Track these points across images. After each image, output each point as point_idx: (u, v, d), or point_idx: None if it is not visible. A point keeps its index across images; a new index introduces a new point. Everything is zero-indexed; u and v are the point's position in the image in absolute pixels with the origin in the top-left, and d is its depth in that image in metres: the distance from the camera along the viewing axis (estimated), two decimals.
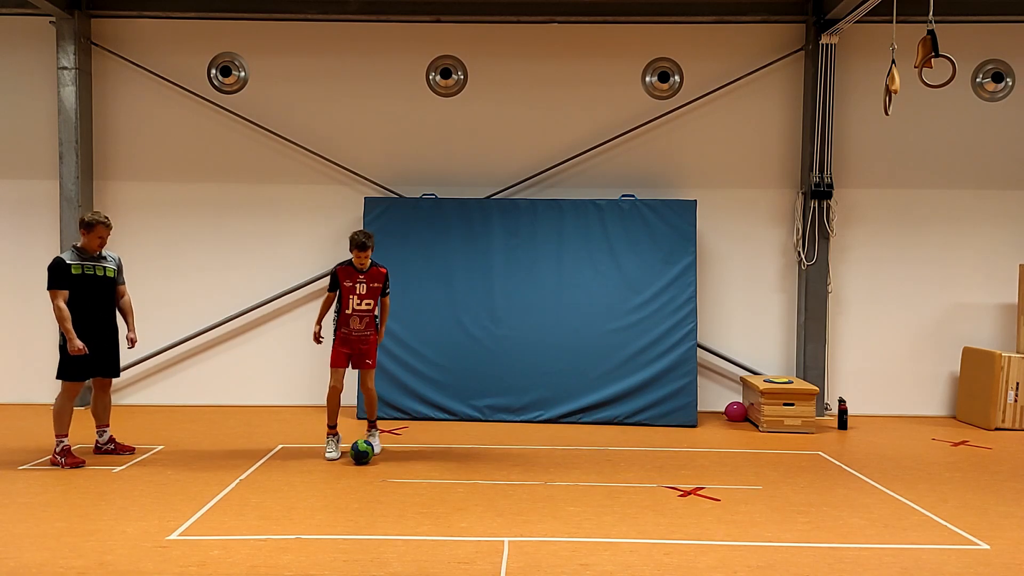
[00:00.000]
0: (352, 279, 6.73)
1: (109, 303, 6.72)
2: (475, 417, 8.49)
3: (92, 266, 6.54)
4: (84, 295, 6.48)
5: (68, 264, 6.42)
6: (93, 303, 6.55)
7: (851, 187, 9.09)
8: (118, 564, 4.41)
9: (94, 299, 6.56)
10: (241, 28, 9.16)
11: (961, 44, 8.63)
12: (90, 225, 6.52)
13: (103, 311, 6.66)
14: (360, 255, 6.67)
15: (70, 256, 6.49)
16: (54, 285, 6.38)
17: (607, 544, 4.82)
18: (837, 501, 5.76)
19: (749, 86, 9.12)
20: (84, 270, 6.48)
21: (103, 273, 6.60)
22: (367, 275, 6.75)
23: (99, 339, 6.60)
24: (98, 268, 6.57)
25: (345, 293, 6.74)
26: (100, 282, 6.59)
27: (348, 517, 5.24)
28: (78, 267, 6.46)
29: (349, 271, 6.75)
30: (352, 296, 6.73)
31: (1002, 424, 8.37)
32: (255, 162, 9.23)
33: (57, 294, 6.37)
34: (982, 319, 9.14)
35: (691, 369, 8.54)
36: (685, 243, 8.73)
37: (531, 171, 9.19)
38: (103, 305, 6.66)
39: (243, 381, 9.22)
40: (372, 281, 6.77)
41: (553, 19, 9.07)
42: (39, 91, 9.08)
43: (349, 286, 6.72)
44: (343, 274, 6.74)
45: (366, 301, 6.76)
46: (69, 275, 6.42)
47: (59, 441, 6.45)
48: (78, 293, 6.45)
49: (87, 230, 6.52)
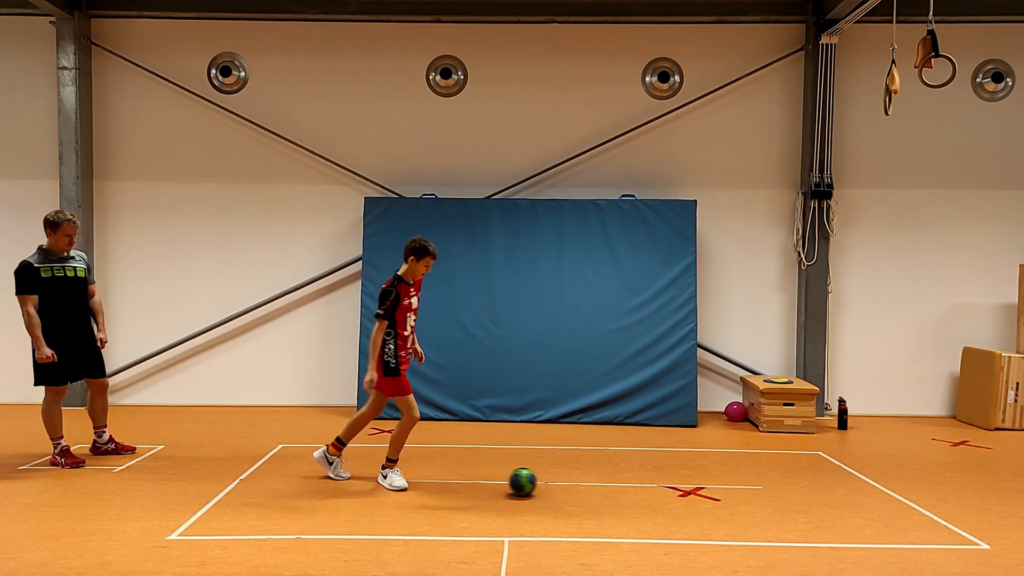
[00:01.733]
0: (409, 295, 5.91)
1: (82, 304, 6.52)
2: (475, 417, 8.49)
3: (61, 267, 6.34)
4: (56, 298, 6.29)
5: (36, 267, 6.22)
6: (66, 305, 6.37)
7: (851, 187, 9.09)
8: (118, 564, 4.41)
9: (66, 301, 6.37)
10: (241, 28, 9.16)
11: (961, 44, 8.63)
12: (55, 224, 6.28)
13: (77, 312, 6.47)
14: (430, 264, 5.92)
15: (37, 259, 6.29)
16: (22, 290, 6.17)
17: (607, 544, 4.82)
18: (837, 501, 5.76)
19: (749, 86, 9.12)
20: (54, 272, 6.28)
21: (73, 274, 6.40)
22: (415, 286, 6.01)
23: (77, 341, 6.45)
24: (67, 269, 6.37)
25: (403, 313, 5.89)
26: (71, 283, 6.38)
27: (348, 517, 5.24)
28: (47, 269, 6.26)
29: (406, 288, 5.88)
30: (410, 314, 5.96)
31: (1002, 424, 8.37)
32: (255, 162, 9.23)
33: (26, 299, 6.16)
34: (982, 319, 9.14)
35: (691, 369, 8.54)
36: (685, 243, 8.73)
37: (531, 171, 9.19)
38: (76, 306, 6.46)
39: (243, 381, 9.21)
40: (418, 291, 6.08)
41: (553, 19, 9.07)
42: (39, 91, 9.08)
43: (407, 304, 5.90)
44: (404, 292, 5.86)
45: (415, 315, 6.08)
46: (38, 279, 6.22)
47: (56, 443, 6.44)
48: (49, 297, 6.26)
49: (53, 230, 6.28)
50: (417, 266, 5.89)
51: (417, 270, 5.92)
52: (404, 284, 5.88)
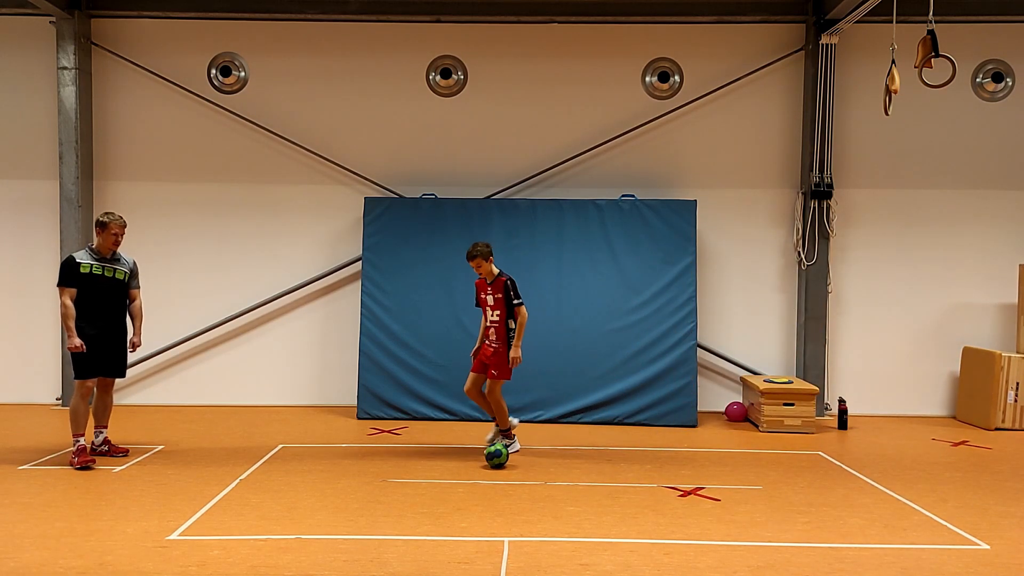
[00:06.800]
0: (483, 291, 6.86)
1: (119, 305, 6.73)
2: (475, 417, 8.48)
3: (102, 267, 6.55)
4: (93, 295, 6.51)
5: (78, 262, 6.47)
6: (102, 303, 6.57)
7: (851, 187, 9.09)
8: (118, 564, 4.41)
9: (103, 300, 6.57)
10: (241, 28, 9.16)
11: (961, 44, 8.62)
12: (104, 224, 6.56)
13: (112, 312, 6.66)
14: (471, 264, 6.77)
15: (83, 255, 6.54)
16: (62, 282, 6.46)
17: (607, 544, 4.82)
18: (837, 501, 5.76)
19: (749, 86, 9.12)
20: (93, 270, 6.51)
21: (112, 275, 6.60)
22: (493, 286, 6.77)
23: (107, 340, 6.61)
24: (107, 269, 6.57)
25: (481, 305, 6.93)
26: (110, 283, 6.60)
27: (348, 517, 5.24)
28: (87, 266, 6.49)
29: (481, 283, 6.89)
30: (486, 308, 6.86)
31: (1002, 424, 8.37)
32: (255, 162, 9.23)
33: (64, 291, 6.43)
34: (982, 319, 9.14)
35: (691, 369, 8.54)
36: (685, 243, 8.73)
37: (531, 171, 9.19)
38: (113, 306, 6.66)
39: (243, 381, 9.21)
40: (496, 291, 6.75)
41: (553, 19, 9.07)
42: (39, 91, 9.08)
43: (483, 298, 6.87)
44: (479, 287, 6.91)
45: (496, 312, 6.77)
46: (78, 273, 6.46)
47: (75, 440, 6.47)
48: (87, 292, 6.48)
49: (101, 229, 6.56)
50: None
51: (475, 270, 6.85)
52: (479, 280, 6.92)
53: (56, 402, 9.02)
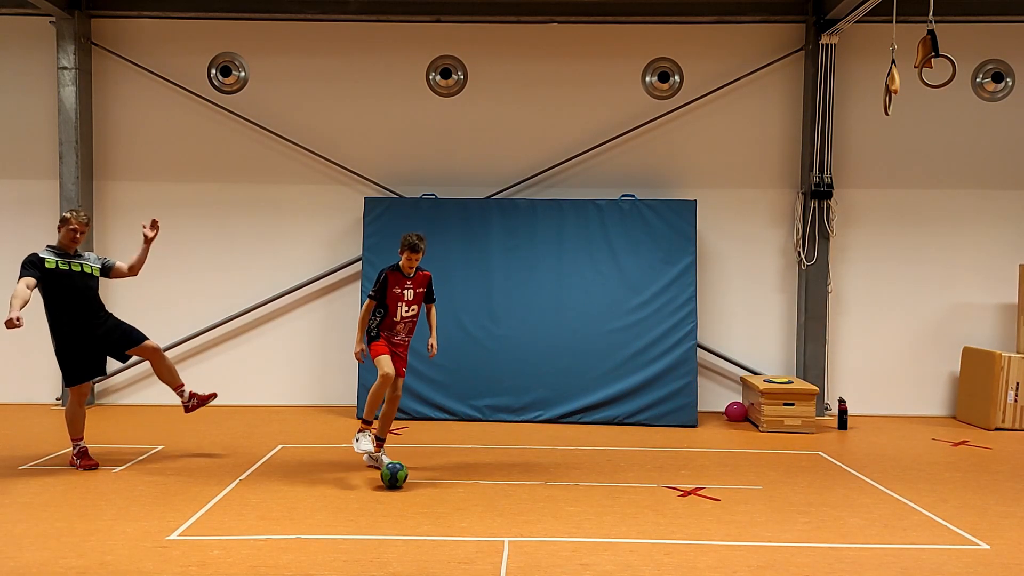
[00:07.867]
0: (401, 285, 6.25)
1: (93, 298, 6.48)
2: (475, 417, 8.49)
3: (68, 262, 6.34)
4: (63, 290, 6.29)
5: (42, 257, 6.27)
6: (76, 299, 6.35)
7: (851, 187, 9.09)
8: (118, 564, 4.41)
9: (76, 295, 6.34)
10: (241, 28, 9.16)
11: (961, 44, 8.61)
12: (64, 220, 6.38)
13: (87, 306, 6.42)
14: (412, 258, 6.20)
15: (45, 252, 6.33)
16: (22, 274, 6.19)
17: (607, 544, 4.82)
18: (837, 501, 5.76)
19: (749, 86, 9.12)
20: (59, 265, 6.29)
21: (80, 268, 6.39)
22: (414, 280, 6.31)
23: (92, 334, 6.40)
24: (74, 264, 6.37)
25: (393, 300, 6.25)
26: (79, 277, 6.37)
27: (348, 517, 5.24)
28: (52, 261, 6.27)
29: (398, 277, 6.26)
30: (400, 303, 6.27)
31: (1002, 424, 8.37)
32: (255, 162, 9.23)
33: (21, 279, 6.13)
34: (982, 319, 9.14)
35: (691, 369, 8.54)
36: (685, 243, 8.73)
37: (531, 171, 9.19)
38: (86, 300, 6.41)
39: (243, 381, 9.21)
40: (418, 286, 6.34)
41: (553, 19, 9.07)
42: (39, 91, 9.08)
43: (398, 293, 6.24)
44: (393, 280, 6.24)
45: (413, 307, 6.34)
46: (42, 267, 6.22)
47: (75, 444, 6.45)
48: (59, 290, 6.27)
49: (62, 224, 6.39)
50: (403, 259, 6.25)
51: (404, 263, 6.25)
52: (393, 272, 6.25)
53: (56, 402, 9.02)
